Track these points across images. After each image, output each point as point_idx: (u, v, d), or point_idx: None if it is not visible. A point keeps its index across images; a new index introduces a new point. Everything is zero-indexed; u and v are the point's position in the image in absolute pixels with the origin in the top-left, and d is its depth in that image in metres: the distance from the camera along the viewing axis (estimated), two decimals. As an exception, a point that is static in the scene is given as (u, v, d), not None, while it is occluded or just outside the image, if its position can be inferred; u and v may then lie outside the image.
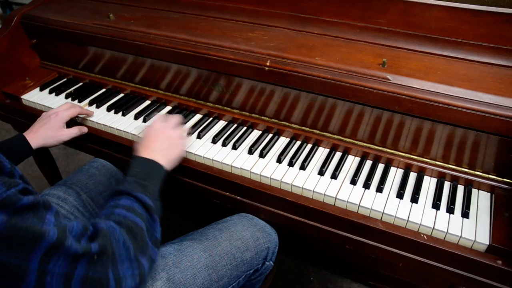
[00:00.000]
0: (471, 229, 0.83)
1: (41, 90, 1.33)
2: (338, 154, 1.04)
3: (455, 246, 0.82)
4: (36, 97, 1.30)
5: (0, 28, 1.35)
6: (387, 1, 1.03)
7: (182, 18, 1.24)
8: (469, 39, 0.98)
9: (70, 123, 1.13)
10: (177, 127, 0.99)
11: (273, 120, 1.11)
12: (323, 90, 0.97)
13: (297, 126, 1.09)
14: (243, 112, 1.14)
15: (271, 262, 1.02)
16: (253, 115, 1.13)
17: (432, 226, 0.84)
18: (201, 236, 0.93)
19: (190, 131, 1.11)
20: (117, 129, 1.15)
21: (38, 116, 1.12)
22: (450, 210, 0.87)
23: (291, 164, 1.00)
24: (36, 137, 1.04)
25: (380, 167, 1.00)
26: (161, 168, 0.87)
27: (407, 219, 0.85)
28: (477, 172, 0.93)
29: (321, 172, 0.97)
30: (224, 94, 1.14)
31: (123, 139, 1.14)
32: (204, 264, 0.87)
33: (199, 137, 1.10)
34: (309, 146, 1.07)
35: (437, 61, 0.97)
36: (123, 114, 1.20)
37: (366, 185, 0.94)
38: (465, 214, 0.86)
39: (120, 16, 1.28)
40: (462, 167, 0.94)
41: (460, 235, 0.82)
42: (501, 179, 0.91)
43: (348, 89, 0.94)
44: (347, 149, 1.04)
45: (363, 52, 1.01)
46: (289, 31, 1.13)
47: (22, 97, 1.30)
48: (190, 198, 1.71)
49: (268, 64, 1.00)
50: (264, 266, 1.00)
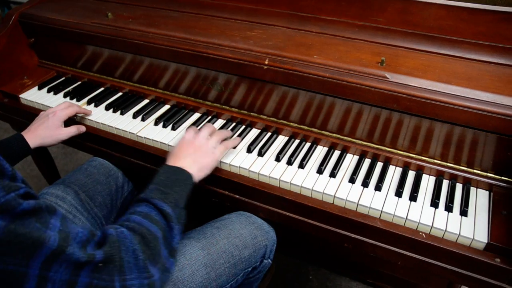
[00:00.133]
0: (470, 227, 0.83)
1: (39, 89, 1.33)
2: (336, 153, 1.04)
3: (453, 244, 0.82)
4: (34, 96, 1.30)
5: (-2, 27, 1.35)
6: (385, -1, 1.03)
7: (180, 17, 1.24)
8: (467, 38, 0.98)
9: (68, 122, 1.13)
10: (210, 137, 0.97)
11: (271, 118, 1.11)
12: (322, 88, 0.97)
13: (296, 125, 1.09)
14: (242, 111, 1.14)
15: (269, 260, 1.02)
16: (251, 113, 1.13)
17: (431, 224, 0.84)
18: (199, 235, 0.93)
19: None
20: (115, 128, 1.14)
21: (37, 115, 1.12)
22: (449, 208, 0.87)
23: (289, 162, 1.00)
24: (34, 136, 1.03)
25: (379, 165, 1.00)
26: (188, 175, 0.85)
27: (405, 217, 0.86)
28: (475, 170, 0.93)
29: (320, 171, 0.97)
30: (222, 93, 1.14)
31: (122, 138, 1.14)
32: (202, 262, 0.87)
33: (197, 135, 1.10)
34: (308, 144, 1.07)
35: (435, 59, 0.97)
36: (122, 113, 1.19)
37: (365, 184, 0.94)
38: (464, 212, 0.86)
39: (119, 15, 1.28)
40: (460, 166, 0.94)
41: (458, 233, 0.82)
42: (499, 177, 0.91)
43: (347, 87, 0.94)
44: (345, 147, 1.04)
45: (362, 51, 1.01)
46: (287, 29, 1.13)
47: (20, 96, 1.30)
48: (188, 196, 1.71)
49: (266, 62, 1.00)
50: (262, 264, 1.00)
